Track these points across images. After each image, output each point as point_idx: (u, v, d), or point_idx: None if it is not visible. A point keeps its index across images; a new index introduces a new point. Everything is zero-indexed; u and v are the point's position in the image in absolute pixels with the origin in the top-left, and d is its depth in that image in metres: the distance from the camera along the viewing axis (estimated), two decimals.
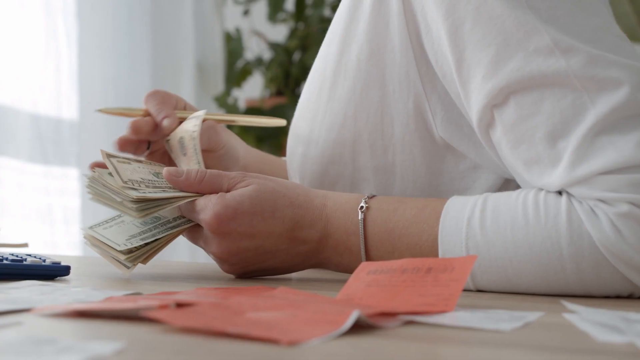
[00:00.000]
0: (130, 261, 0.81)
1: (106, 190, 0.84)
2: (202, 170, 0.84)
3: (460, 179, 0.86)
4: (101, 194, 0.84)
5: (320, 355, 0.45)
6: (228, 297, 0.60)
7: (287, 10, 2.65)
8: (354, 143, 0.88)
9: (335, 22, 0.91)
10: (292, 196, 0.81)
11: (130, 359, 0.43)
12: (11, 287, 0.68)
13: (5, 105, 1.70)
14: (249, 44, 2.73)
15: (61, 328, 0.52)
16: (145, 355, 0.44)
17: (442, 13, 0.77)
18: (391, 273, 0.66)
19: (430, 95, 0.83)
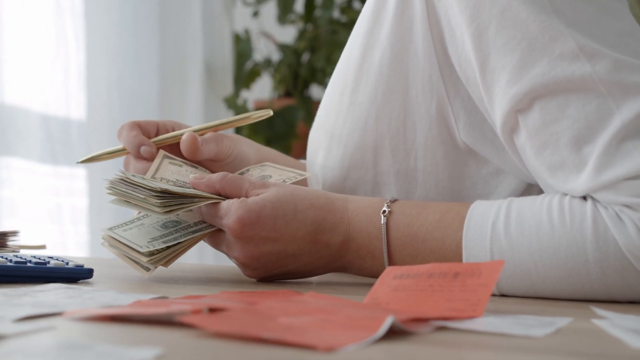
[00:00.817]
0: (153, 263, 0.81)
1: (128, 189, 0.83)
2: (223, 172, 0.84)
3: (483, 184, 0.85)
4: (123, 193, 0.84)
5: None
6: (257, 302, 0.60)
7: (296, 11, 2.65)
8: (375, 147, 0.88)
9: (357, 27, 0.91)
10: (312, 198, 0.82)
11: None
12: (37, 290, 0.68)
13: (16, 106, 1.70)
14: (258, 45, 2.73)
15: (95, 333, 0.52)
16: None
17: (466, 17, 0.77)
18: (418, 278, 0.66)
19: (453, 99, 0.83)
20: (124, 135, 0.92)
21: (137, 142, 0.91)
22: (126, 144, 0.92)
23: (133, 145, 0.91)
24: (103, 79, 1.98)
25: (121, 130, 0.93)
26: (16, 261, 0.78)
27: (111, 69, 2.01)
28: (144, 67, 2.13)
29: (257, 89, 2.73)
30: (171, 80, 2.27)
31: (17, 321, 0.54)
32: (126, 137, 0.92)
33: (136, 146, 0.91)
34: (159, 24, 2.17)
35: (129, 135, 0.92)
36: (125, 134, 0.92)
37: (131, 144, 0.91)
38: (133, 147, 0.91)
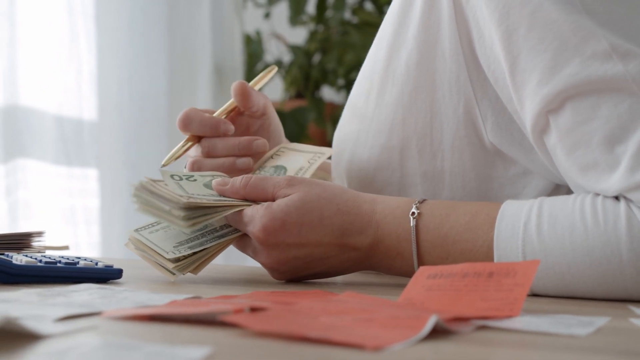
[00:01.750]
0: (179, 270, 0.81)
1: (154, 199, 0.83)
2: (246, 175, 0.84)
3: (510, 185, 0.85)
4: (148, 202, 0.83)
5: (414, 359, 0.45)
6: (295, 302, 0.60)
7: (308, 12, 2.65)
8: (402, 149, 0.87)
9: (383, 28, 0.91)
10: (339, 202, 0.81)
11: None
12: (70, 291, 0.68)
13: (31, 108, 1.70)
14: (268, 46, 2.73)
15: (138, 332, 0.52)
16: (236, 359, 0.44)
17: (496, 18, 0.77)
18: (452, 277, 0.66)
19: (481, 100, 0.83)
20: (195, 119, 0.91)
21: (215, 121, 0.91)
22: (201, 127, 0.91)
23: (211, 125, 0.91)
24: (114, 80, 1.98)
25: (188, 117, 0.92)
26: (46, 261, 0.78)
27: (121, 70, 2.01)
28: (154, 69, 2.13)
29: (268, 91, 2.73)
30: (180, 82, 2.27)
31: (58, 321, 0.54)
32: (200, 120, 0.91)
33: (214, 126, 0.91)
34: (168, 25, 2.17)
35: (202, 118, 0.91)
36: (198, 117, 0.91)
37: (208, 125, 0.91)
38: (212, 127, 0.91)
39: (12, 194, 1.66)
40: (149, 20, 2.10)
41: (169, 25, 2.17)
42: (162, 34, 2.15)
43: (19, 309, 0.58)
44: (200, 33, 2.31)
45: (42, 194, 1.73)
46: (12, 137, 1.65)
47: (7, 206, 1.65)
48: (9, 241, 0.94)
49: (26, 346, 0.46)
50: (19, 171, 1.68)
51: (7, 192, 1.65)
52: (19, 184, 1.68)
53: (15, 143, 1.66)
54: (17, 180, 1.67)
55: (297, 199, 0.80)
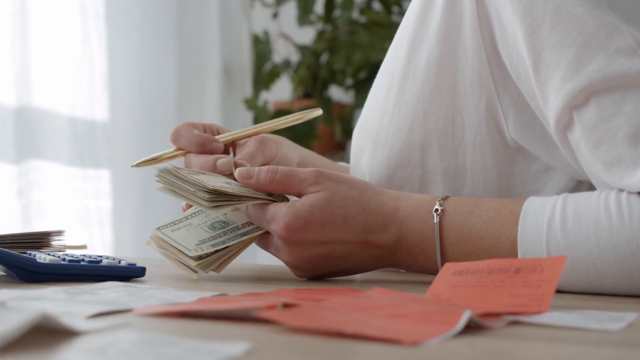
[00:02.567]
0: (201, 268, 0.81)
1: (178, 181, 0.83)
2: (272, 168, 0.83)
3: (531, 181, 0.85)
4: (172, 183, 0.83)
5: (444, 355, 0.45)
6: (323, 299, 0.60)
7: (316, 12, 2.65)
8: (423, 146, 0.87)
9: (403, 26, 0.91)
10: (364, 201, 0.81)
11: (260, 358, 0.43)
12: (97, 288, 0.68)
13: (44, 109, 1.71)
14: (276, 46, 2.73)
15: (171, 329, 0.52)
16: (276, 356, 0.44)
17: (520, 14, 0.77)
18: (478, 274, 0.66)
19: (503, 97, 0.83)
20: (184, 135, 0.92)
21: (202, 140, 0.91)
22: (188, 143, 0.92)
23: (197, 143, 0.91)
24: (125, 80, 1.98)
25: (178, 132, 0.92)
26: (70, 260, 0.78)
27: (132, 70, 2.01)
28: (163, 69, 2.13)
29: (276, 91, 2.73)
30: (189, 82, 2.27)
31: (89, 318, 0.54)
32: (188, 137, 0.91)
33: (200, 144, 0.91)
34: (177, 26, 2.17)
35: (190, 134, 0.91)
36: (187, 134, 0.92)
37: (194, 142, 0.91)
38: (197, 144, 0.91)
39: (25, 195, 1.66)
40: (158, 20, 2.10)
41: (177, 25, 2.17)
42: (171, 34, 2.15)
43: (49, 306, 0.58)
44: (208, 33, 2.31)
45: (55, 195, 1.73)
46: (25, 138, 1.66)
47: (20, 207, 1.65)
48: (28, 240, 0.94)
49: (62, 343, 0.46)
50: (32, 172, 1.68)
51: (20, 193, 1.65)
52: (32, 185, 1.68)
53: (28, 144, 1.67)
54: (30, 182, 1.67)
55: (323, 198, 0.80)
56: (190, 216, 0.86)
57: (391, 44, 0.93)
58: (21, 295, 0.62)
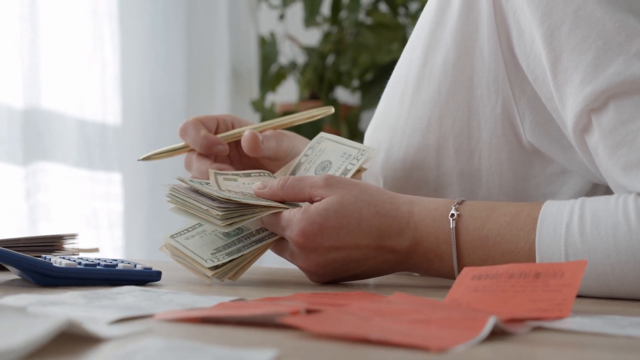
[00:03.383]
0: (218, 277, 0.80)
1: (189, 198, 0.82)
2: (284, 177, 0.83)
3: (547, 184, 0.85)
4: (183, 202, 0.83)
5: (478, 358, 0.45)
6: (345, 303, 0.60)
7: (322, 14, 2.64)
8: (438, 148, 0.87)
9: (418, 28, 0.90)
10: (377, 204, 0.80)
11: None
12: (115, 293, 0.68)
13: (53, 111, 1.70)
14: (282, 48, 2.73)
15: (195, 335, 0.52)
16: None
17: (538, 17, 0.77)
18: (497, 278, 0.66)
19: (519, 99, 0.83)
20: (190, 134, 0.91)
21: (207, 142, 0.91)
22: (193, 143, 0.91)
23: (202, 144, 0.91)
24: (136, 83, 1.98)
25: (185, 128, 0.92)
26: (85, 264, 0.78)
27: (143, 73, 2.01)
28: (172, 71, 2.13)
29: (282, 92, 2.73)
30: (198, 84, 2.27)
31: (111, 323, 0.54)
32: (194, 136, 0.91)
33: (204, 145, 0.91)
34: (186, 27, 2.17)
35: (196, 134, 0.91)
36: (193, 132, 0.91)
37: (199, 143, 0.91)
38: (201, 146, 0.91)
39: (32, 196, 1.66)
40: (169, 22, 2.10)
41: (187, 27, 2.17)
42: (181, 36, 2.15)
43: (69, 311, 0.57)
44: (217, 35, 2.31)
45: (63, 197, 1.72)
46: (33, 140, 1.65)
47: (27, 209, 1.65)
48: (41, 243, 0.94)
49: (87, 349, 0.46)
50: (40, 174, 1.68)
51: (28, 195, 1.65)
52: (39, 187, 1.68)
53: (36, 146, 1.66)
54: (38, 183, 1.67)
55: (335, 202, 0.79)
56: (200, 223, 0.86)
57: (405, 45, 0.93)
58: (40, 300, 0.62)
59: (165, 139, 2.06)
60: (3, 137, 1.59)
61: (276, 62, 2.66)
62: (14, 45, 1.61)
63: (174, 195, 0.84)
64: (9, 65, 1.61)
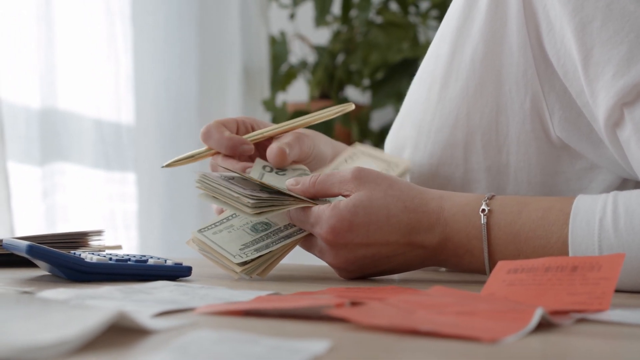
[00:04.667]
0: (247, 273, 0.80)
1: (220, 186, 0.82)
2: (315, 174, 0.83)
3: (576, 180, 0.85)
4: (212, 189, 0.83)
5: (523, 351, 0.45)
6: (384, 297, 0.60)
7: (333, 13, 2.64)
8: (466, 144, 0.87)
9: (445, 24, 0.90)
10: (406, 199, 0.80)
11: (344, 356, 0.43)
12: (150, 288, 0.68)
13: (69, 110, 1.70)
14: (292, 47, 2.73)
15: (242, 327, 0.52)
16: (359, 352, 0.44)
17: (569, 11, 0.77)
18: (534, 272, 0.66)
19: (548, 94, 0.83)
20: (214, 136, 0.90)
21: (232, 142, 0.90)
22: (218, 145, 0.90)
23: (227, 145, 0.90)
24: (149, 82, 1.98)
25: (208, 132, 0.90)
26: (117, 259, 0.78)
27: (157, 72, 2.01)
28: (185, 71, 2.13)
29: (293, 91, 2.73)
30: (211, 83, 2.27)
31: (155, 317, 0.54)
32: (218, 138, 0.90)
33: (230, 146, 0.90)
34: (198, 26, 2.17)
35: (221, 135, 0.90)
36: (217, 134, 0.90)
37: (224, 144, 0.90)
38: (227, 147, 0.90)
39: (49, 197, 1.66)
40: (181, 22, 2.10)
41: (199, 26, 2.17)
42: (193, 35, 2.15)
43: (109, 305, 0.57)
44: (229, 34, 2.31)
45: (80, 197, 1.72)
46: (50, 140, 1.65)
47: (45, 209, 1.65)
48: (67, 240, 0.94)
49: (136, 341, 0.46)
50: (57, 175, 1.68)
51: (45, 195, 1.65)
52: (56, 187, 1.68)
53: (53, 146, 1.66)
54: (55, 184, 1.67)
55: (365, 198, 0.79)
56: (231, 217, 0.86)
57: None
58: (78, 295, 0.62)
59: (178, 138, 2.06)
60: (20, 137, 1.59)
61: (286, 62, 2.66)
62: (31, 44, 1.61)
63: (203, 182, 0.83)
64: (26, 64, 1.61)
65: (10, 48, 1.57)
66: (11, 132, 1.57)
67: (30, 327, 0.44)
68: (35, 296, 0.60)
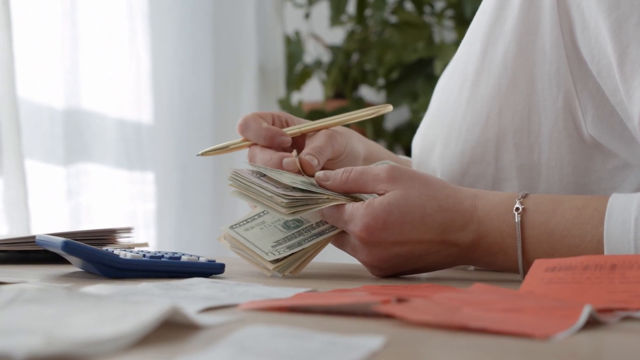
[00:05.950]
0: (279, 271, 0.80)
1: (253, 184, 0.82)
2: (347, 168, 0.83)
3: (608, 178, 0.85)
4: (246, 187, 0.82)
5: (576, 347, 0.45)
6: (425, 294, 0.60)
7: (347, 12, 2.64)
8: (497, 142, 0.87)
9: (476, 22, 0.90)
10: (441, 199, 0.80)
11: (400, 352, 0.43)
12: (187, 284, 0.68)
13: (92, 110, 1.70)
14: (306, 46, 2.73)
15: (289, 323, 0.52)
16: (415, 349, 0.44)
17: (605, 9, 0.76)
18: (572, 270, 0.66)
19: (581, 92, 0.82)
20: (252, 127, 0.90)
21: (270, 133, 0.90)
22: (256, 136, 0.90)
23: (265, 135, 0.90)
24: (166, 81, 1.99)
25: (246, 123, 0.91)
26: (151, 256, 0.78)
27: (173, 71, 2.02)
28: (200, 70, 2.13)
29: (307, 91, 2.73)
30: (226, 83, 2.27)
31: (200, 312, 0.54)
32: (256, 129, 0.90)
33: (268, 138, 0.90)
34: (213, 26, 2.17)
35: (259, 127, 0.90)
36: (255, 126, 0.90)
37: (262, 135, 0.90)
38: (265, 138, 0.90)
39: (73, 197, 1.66)
40: (197, 21, 2.10)
41: (215, 25, 2.17)
42: (209, 35, 2.15)
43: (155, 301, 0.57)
44: (245, 34, 2.31)
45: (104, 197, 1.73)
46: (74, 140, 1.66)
47: (69, 209, 1.65)
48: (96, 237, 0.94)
49: (191, 336, 0.46)
50: (82, 175, 1.68)
51: (69, 196, 1.65)
52: (81, 187, 1.68)
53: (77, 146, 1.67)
54: (80, 183, 1.67)
55: (400, 197, 0.79)
56: (263, 213, 0.86)
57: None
58: (120, 291, 0.62)
59: (194, 138, 2.06)
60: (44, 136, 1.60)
61: (301, 61, 2.66)
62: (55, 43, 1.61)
63: (236, 179, 0.83)
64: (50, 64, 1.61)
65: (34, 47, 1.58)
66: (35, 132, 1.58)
67: (87, 321, 0.44)
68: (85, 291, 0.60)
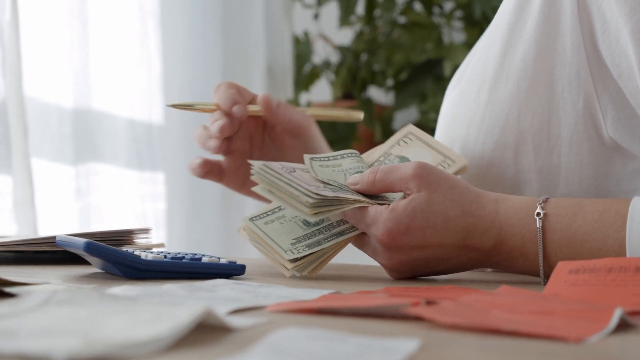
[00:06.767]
0: (298, 271, 0.80)
1: (280, 180, 0.81)
2: (373, 169, 0.82)
3: (628, 181, 0.85)
4: (270, 183, 0.81)
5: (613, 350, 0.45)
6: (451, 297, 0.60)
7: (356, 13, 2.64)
8: (516, 145, 0.87)
9: (495, 25, 0.90)
10: (464, 203, 0.79)
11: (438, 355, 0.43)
12: (211, 286, 0.68)
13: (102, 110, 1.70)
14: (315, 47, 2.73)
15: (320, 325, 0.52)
16: (450, 351, 0.44)
17: (626, 11, 0.76)
18: (596, 272, 0.66)
19: (601, 95, 0.82)
20: (220, 91, 0.95)
21: (232, 98, 0.93)
22: (221, 100, 0.94)
23: (227, 100, 0.94)
24: (177, 81, 1.98)
25: (218, 87, 0.95)
26: (172, 257, 0.78)
27: (183, 71, 2.02)
28: (209, 70, 2.13)
29: (316, 91, 2.73)
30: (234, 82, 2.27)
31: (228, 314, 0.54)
32: (223, 93, 0.94)
33: (229, 101, 0.93)
34: (222, 27, 2.17)
35: (226, 91, 0.94)
36: (223, 90, 0.94)
37: (225, 100, 0.94)
38: (227, 103, 0.94)
39: (83, 197, 1.66)
40: (206, 20, 2.10)
41: (223, 25, 2.17)
42: (218, 35, 2.15)
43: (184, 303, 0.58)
44: (253, 34, 2.31)
45: (113, 197, 1.72)
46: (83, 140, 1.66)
47: (78, 209, 1.65)
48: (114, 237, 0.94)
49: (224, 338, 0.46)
50: (91, 174, 1.68)
51: (78, 196, 1.65)
52: (91, 187, 1.68)
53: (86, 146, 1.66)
54: (89, 183, 1.67)
55: (424, 201, 0.78)
56: (282, 207, 0.85)
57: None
58: (146, 292, 0.62)
59: None
60: (54, 135, 1.60)
61: (309, 62, 2.66)
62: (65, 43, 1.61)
63: (261, 173, 0.82)
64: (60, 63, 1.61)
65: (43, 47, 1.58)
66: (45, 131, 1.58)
67: (122, 323, 0.44)
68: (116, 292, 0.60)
